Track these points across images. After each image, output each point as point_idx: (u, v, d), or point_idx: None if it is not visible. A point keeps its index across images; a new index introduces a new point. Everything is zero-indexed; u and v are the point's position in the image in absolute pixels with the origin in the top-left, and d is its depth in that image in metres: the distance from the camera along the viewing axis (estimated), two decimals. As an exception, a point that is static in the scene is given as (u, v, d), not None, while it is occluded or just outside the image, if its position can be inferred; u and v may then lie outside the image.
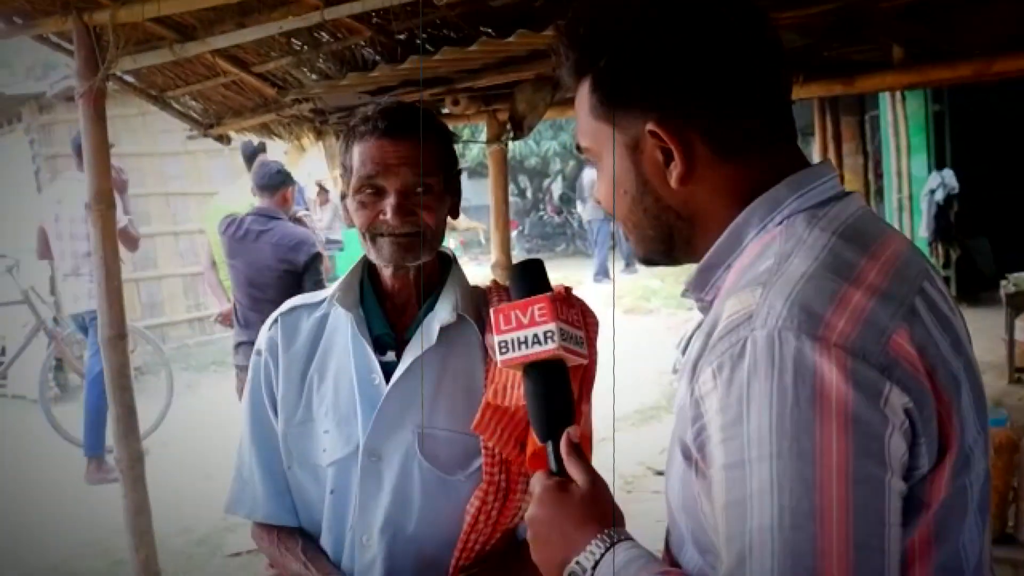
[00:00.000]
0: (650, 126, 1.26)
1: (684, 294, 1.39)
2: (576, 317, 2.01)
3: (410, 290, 2.06)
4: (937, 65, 4.09)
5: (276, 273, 5.70)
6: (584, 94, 1.34)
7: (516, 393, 1.91)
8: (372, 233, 1.95)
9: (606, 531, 1.31)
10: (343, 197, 2.04)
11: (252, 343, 2.29)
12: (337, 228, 12.70)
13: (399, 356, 2.02)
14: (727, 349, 1.11)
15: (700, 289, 1.34)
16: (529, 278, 1.57)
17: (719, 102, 1.26)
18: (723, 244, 1.28)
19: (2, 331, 10.97)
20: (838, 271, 1.15)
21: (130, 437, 4.46)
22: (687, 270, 1.39)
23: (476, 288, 2.14)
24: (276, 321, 2.14)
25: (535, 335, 1.48)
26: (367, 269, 2.11)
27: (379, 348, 2.03)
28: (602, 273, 17.37)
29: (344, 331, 2.06)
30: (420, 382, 1.97)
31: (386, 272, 2.05)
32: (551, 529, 1.36)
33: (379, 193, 1.93)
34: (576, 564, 1.30)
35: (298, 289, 5.41)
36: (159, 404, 8.55)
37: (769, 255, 1.20)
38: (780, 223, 1.24)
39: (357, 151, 1.95)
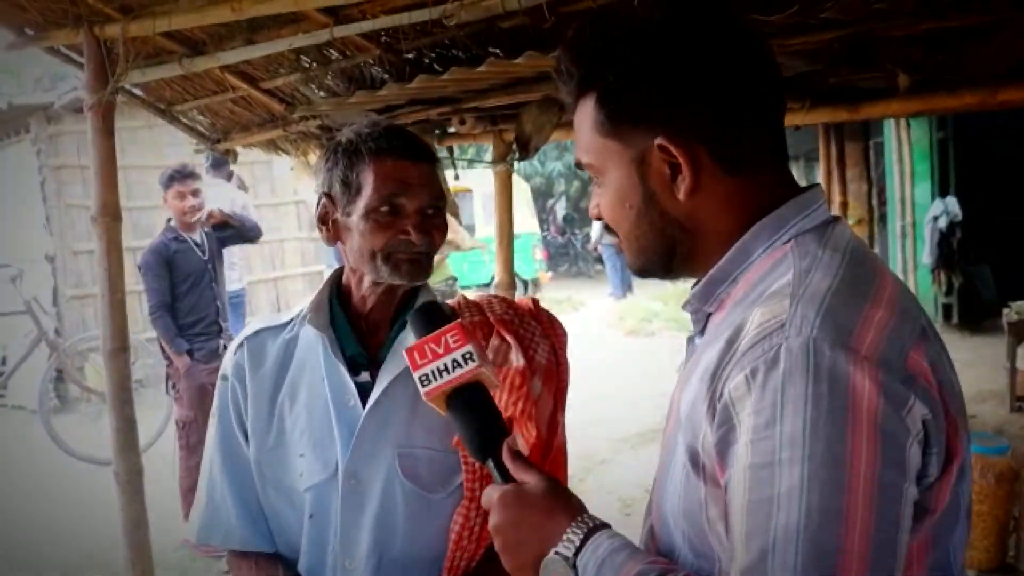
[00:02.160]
0: (659, 140, 1.28)
1: (685, 306, 1.41)
2: (531, 331, 2.04)
3: (385, 310, 2.03)
4: (942, 93, 4.11)
5: None
6: (587, 110, 1.35)
7: (513, 408, 1.93)
8: (388, 252, 1.92)
9: (580, 517, 1.33)
10: (324, 217, 1.99)
11: None
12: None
13: (373, 377, 1.99)
14: (761, 355, 1.14)
15: (704, 301, 1.36)
16: (429, 319, 1.62)
17: (726, 117, 1.29)
18: (730, 259, 1.32)
19: (3, 341, 10.97)
20: (858, 290, 1.21)
21: (130, 451, 4.46)
22: (686, 292, 1.41)
23: (446, 305, 2.12)
24: (241, 345, 2.10)
25: (453, 360, 1.52)
26: (335, 289, 2.09)
27: (352, 369, 2.00)
28: (622, 289, 17.52)
29: (316, 353, 2.02)
30: (397, 403, 1.96)
31: (364, 292, 2.02)
32: (519, 529, 1.37)
33: (396, 212, 1.91)
34: (555, 554, 1.31)
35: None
36: (159, 417, 8.54)
37: (784, 270, 1.24)
38: (788, 241, 1.28)
39: (372, 171, 1.91)
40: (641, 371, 10.76)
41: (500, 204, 5.47)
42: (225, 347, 6.34)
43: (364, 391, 1.98)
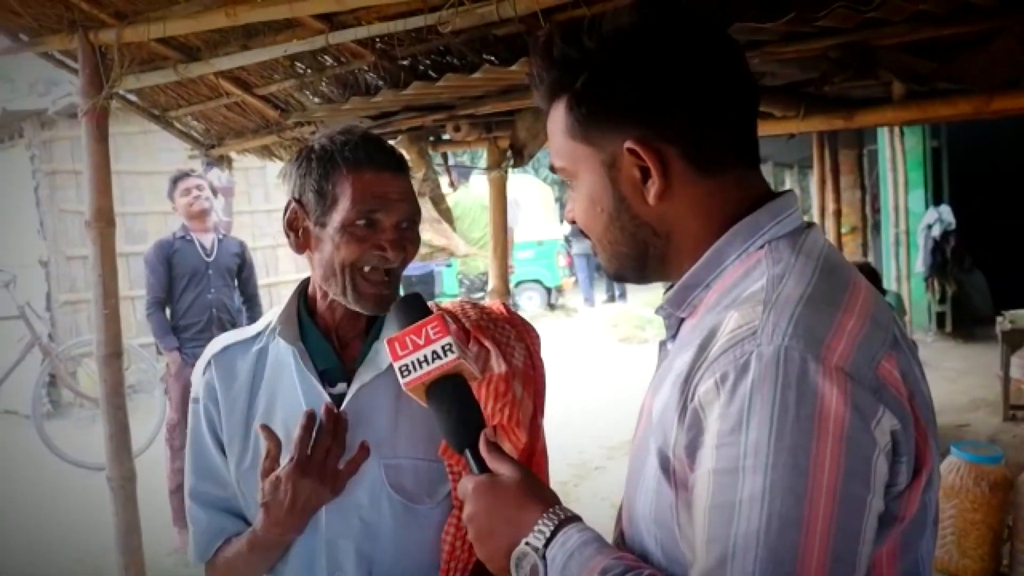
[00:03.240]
0: (629, 144, 1.28)
1: (658, 310, 1.41)
2: (506, 336, 2.02)
3: (354, 324, 1.99)
4: (937, 101, 4.12)
5: None
6: (559, 115, 1.35)
7: (485, 415, 1.89)
8: (358, 266, 1.88)
9: (552, 509, 1.33)
10: (294, 223, 1.94)
11: None
12: None
13: (350, 387, 1.95)
14: (732, 361, 1.14)
15: (678, 306, 1.36)
16: (412, 310, 1.62)
17: (697, 120, 1.28)
18: (704, 264, 1.32)
19: (-4, 346, 10.98)
20: (831, 298, 1.21)
21: (123, 456, 4.44)
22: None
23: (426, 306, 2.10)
24: (209, 364, 2.05)
25: (433, 351, 1.53)
26: (303, 300, 2.04)
27: (329, 381, 1.95)
28: (590, 300, 17.65)
29: (288, 366, 1.97)
30: (379, 413, 1.92)
31: (331, 304, 1.97)
32: (492, 519, 1.37)
33: (372, 226, 1.86)
34: (525, 544, 1.31)
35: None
36: (152, 423, 8.53)
37: (757, 276, 1.25)
38: (761, 247, 1.29)
39: (349, 183, 1.86)
40: (634, 378, 10.74)
41: (494, 210, 5.47)
42: None
43: (342, 403, 1.93)
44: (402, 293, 1.90)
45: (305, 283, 2.06)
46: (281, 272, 13.26)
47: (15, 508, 7.44)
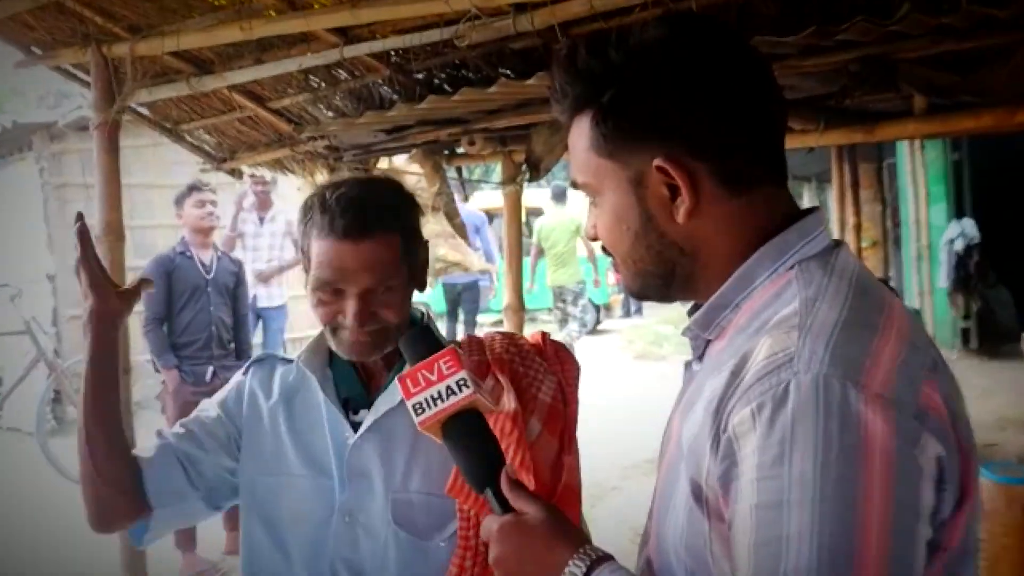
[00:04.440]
0: (658, 161, 1.27)
1: (685, 332, 1.40)
2: (533, 369, 2.01)
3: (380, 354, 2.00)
4: (959, 114, 4.12)
5: None
6: (583, 130, 1.34)
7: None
8: (333, 327, 1.90)
9: (582, 549, 1.32)
10: (307, 268, 1.94)
11: None
12: None
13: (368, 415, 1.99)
14: (768, 390, 1.13)
15: (705, 327, 1.35)
16: (422, 344, 1.58)
17: (727, 137, 1.27)
18: (733, 284, 1.30)
19: (0, 361, 10.99)
20: (867, 321, 1.19)
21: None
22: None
23: (453, 341, 2.06)
24: (249, 368, 2.13)
25: (448, 387, 1.49)
26: None
27: (353, 409, 2.00)
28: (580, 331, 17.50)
29: (315, 391, 2.02)
30: (395, 444, 1.94)
31: None
32: (521, 561, 1.36)
33: (338, 293, 1.86)
34: None
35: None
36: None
37: (788, 298, 1.23)
38: (791, 267, 1.27)
39: (315, 248, 1.86)
40: (651, 396, 10.71)
41: (509, 225, 5.50)
42: (215, 373, 6.36)
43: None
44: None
45: None
46: (294, 287, 13.26)
47: (18, 528, 7.44)
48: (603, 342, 14.18)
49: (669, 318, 15.43)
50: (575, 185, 1.41)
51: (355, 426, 1.97)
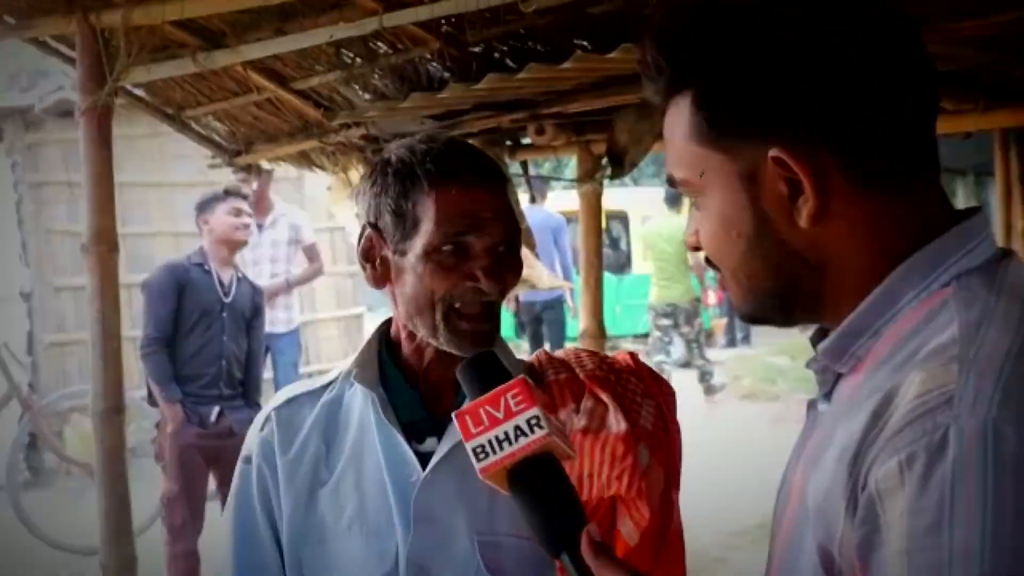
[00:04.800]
0: (773, 152, 1.25)
1: (810, 364, 1.39)
2: (632, 390, 2.03)
3: (447, 366, 1.98)
4: None
5: None
6: (682, 114, 1.33)
7: (599, 485, 1.91)
8: (450, 301, 1.92)
9: None
10: (370, 253, 2.00)
11: None
12: None
13: (440, 444, 1.98)
14: (920, 438, 1.10)
15: (837, 359, 1.33)
16: (485, 373, 1.58)
17: (863, 120, 1.25)
18: (872, 305, 1.28)
19: (-36, 398, 11.16)
20: None
21: (121, 537, 4.51)
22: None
23: (521, 362, 2.12)
24: (269, 418, 2.11)
25: (516, 427, 1.48)
26: (384, 343, 2.10)
27: (415, 436, 2.00)
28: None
29: (366, 418, 2.03)
30: (469, 476, 1.94)
31: (419, 344, 2.02)
32: None
33: (462, 253, 1.91)
34: None
35: None
36: (156, 494, 8.56)
37: (944, 323, 1.20)
38: (947, 284, 1.24)
39: (434, 199, 1.90)
40: (762, 445, 10.62)
41: (586, 233, 5.50)
42: (221, 414, 6.41)
43: (428, 462, 1.97)
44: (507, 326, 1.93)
45: (386, 324, 2.11)
46: (318, 308, 13.36)
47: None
48: (686, 380, 14.10)
49: (785, 347, 15.28)
50: (672, 182, 1.40)
51: (421, 457, 1.98)
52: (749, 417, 12.44)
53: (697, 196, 1.37)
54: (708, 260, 1.40)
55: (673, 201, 13.06)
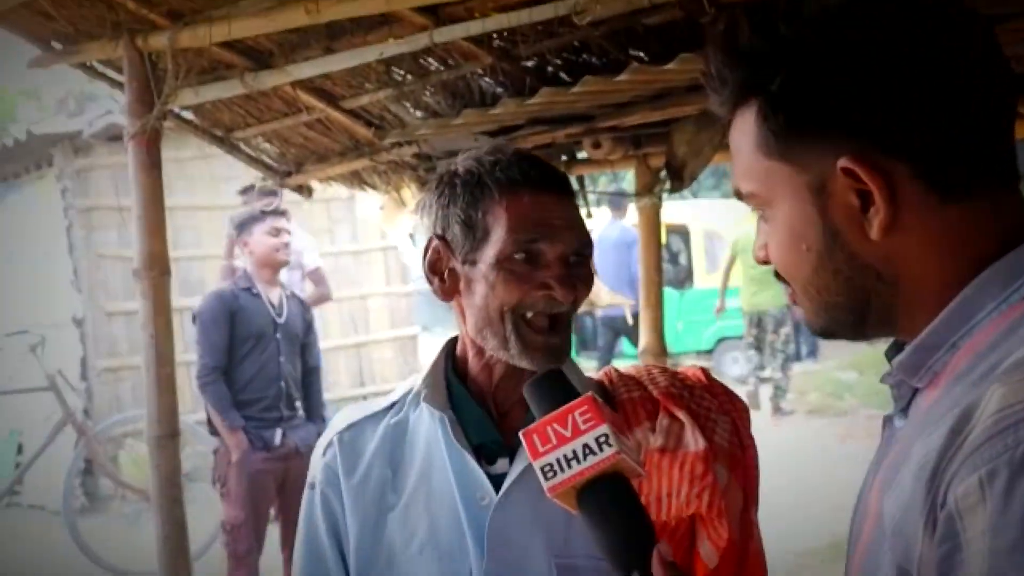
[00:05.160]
0: (843, 162, 1.24)
1: (885, 379, 1.37)
2: (706, 407, 2.02)
3: (517, 384, 1.96)
4: None
5: None
6: (747, 125, 1.33)
7: (677, 504, 1.91)
8: (519, 311, 1.92)
9: None
10: (437, 265, 2.01)
11: None
12: None
13: (512, 465, 1.98)
14: (1003, 453, 1.09)
15: (913, 373, 1.31)
16: (552, 390, 1.59)
17: (936, 127, 1.24)
18: (949, 319, 1.26)
19: (19, 426, 11.28)
20: None
21: (179, 561, 4.54)
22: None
23: (591, 380, 2.11)
24: (331, 444, 2.12)
25: (585, 445, 1.49)
26: (451, 362, 2.10)
27: (486, 458, 2.00)
28: None
29: (435, 441, 2.02)
30: (543, 498, 1.95)
31: (488, 361, 2.02)
32: None
33: (534, 261, 1.91)
34: None
35: None
36: (212, 519, 8.58)
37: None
38: None
39: (505, 207, 1.92)
40: (830, 463, 10.55)
41: (646, 248, 5.49)
42: (285, 435, 6.46)
43: (502, 485, 1.97)
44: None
45: (452, 342, 2.12)
46: (373, 329, 13.42)
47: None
48: (765, 393, 14.01)
49: (852, 362, 15.15)
50: (739, 195, 1.40)
51: (493, 480, 1.98)
52: (816, 433, 12.36)
53: (765, 209, 1.37)
54: (777, 274, 1.40)
55: None
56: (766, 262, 1.41)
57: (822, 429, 12.65)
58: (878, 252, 1.28)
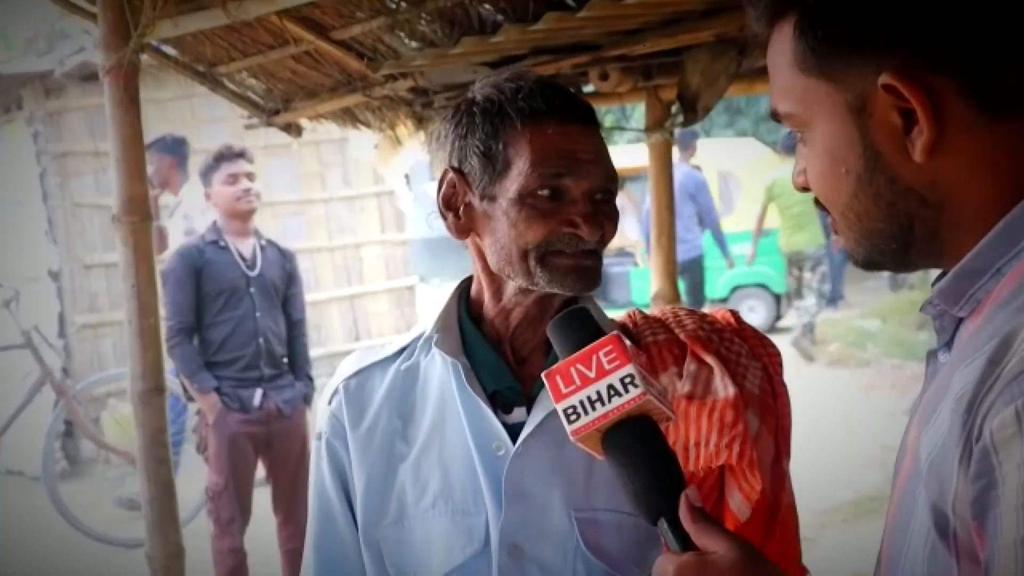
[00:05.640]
0: (884, 79, 1.24)
1: (925, 307, 1.37)
2: (736, 352, 2.04)
3: (536, 328, 2.03)
4: None
5: None
6: (785, 39, 1.33)
7: (706, 454, 1.92)
8: (546, 249, 1.91)
9: None
10: (451, 200, 2.01)
11: None
12: None
13: (530, 414, 1.99)
14: None
15: (954, 302, 1.32)
16: (577, 330, 1.60)
17: (982, 40, 1.23)
18: (994, 242, 1.26)
19: (-5, 385, 11.29)
20: None
21: (167, 526, 4.53)
22: (914, 307, 1.36)
23: (613, 321, 2.12)
24: (337, 392, 2.14)
25: (610, 386, 1.50)
26: (465, 305, 2.10)
27: (502, 407, 2.01)
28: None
29: (448, 388, 2.03)
30: (568, 449, 1.91)
31: (506, 304, 2.02)
32: None
33: (559, 197, 1.90)
34: None
35: None
36: (201, 483, 8.62)
37: None
38: None
39: (528, 139, 1.90)
40: (852, 416, 10.59)
41: (657, 187, 5.48)
42: (265, 396, 6.49)
43: (519, 435, 1.97)
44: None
45: (466, 283, 2.12)
46: (367, 280, 13.43)
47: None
48: (784, 343, 14.04)
49: (876, 310, 15.19)
50: (775, 116, 1.39)
51: (509, 429, 1.98)
52: (838, 385, 12.40)
53: (803, 131, 1.37)
54: (817, 201, 1.39)
55: (791, 149, 13.67)
56: (805, 188, 1.41)
57: (843, 380, 12.70)
58: (922, 175, 1.28)
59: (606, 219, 1.94)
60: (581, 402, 1.50)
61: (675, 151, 14.60)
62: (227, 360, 6.47)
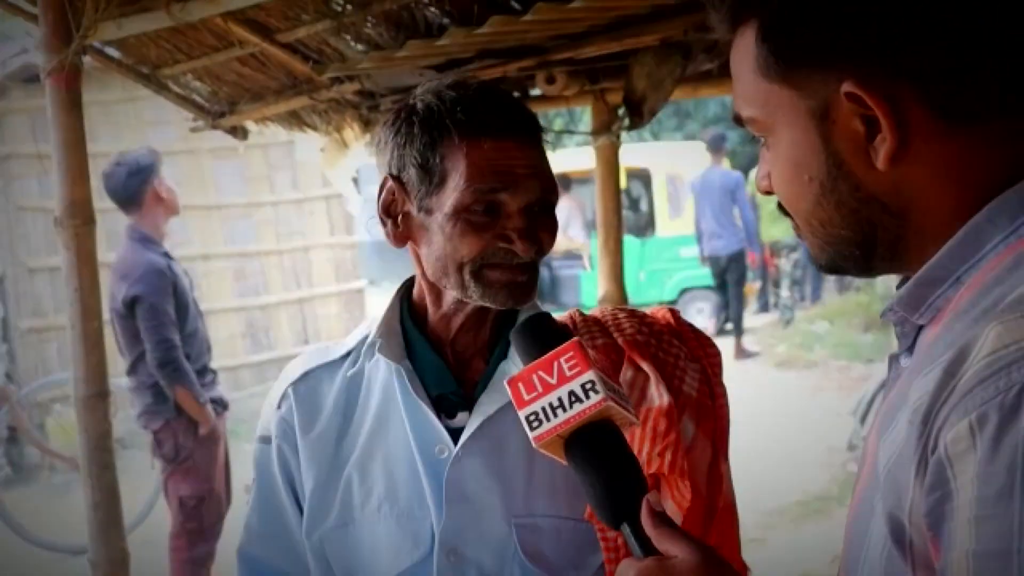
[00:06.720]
0: (847, 86, 1.25)
1: (886, 313, 1.38)
2: (674, 354, 2.04)
3: (476, 333, 2.05)
4: None
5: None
6: (747, 46, 1.33)
7: (659, 462, 1.91)
8: (480, 264, 1.91)
9: None
10: (391, 208, 2.00)
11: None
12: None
13: (471, 418, 2.00)
14: (994, 396, 1.08)
15: (914, 309, 1.32)
16: (539, 336, 1.61)
17: (945, 48, 1.23)
18: (953, 250, 1.27)
19: (-62, 390, 11.21)
20: None
21: (111, 532, 4.50)
22: (861, 309, 1.37)
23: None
24: (286, 396, 2.13)
25: (571, 392, 1.50)
26: (408, 309, 2.10)
27: (446, 411, 2.02)
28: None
29: (392, 392, 2.04)
30: (508, 454, 1.96)
31: (446, 310, 2.03)
32: None
33: (495, 212, 1.90)
34: None
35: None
36: (147, 488, 8.59)
37: None
38: None
39: (465, 153, 1.89)
40: (800, 417, 10.65)
41: (604, 191, 5.48)
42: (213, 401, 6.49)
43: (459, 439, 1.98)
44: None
45: (408, 284, 2.12)
46: (316, 283, 13.40)
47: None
48: (732, 346, 14.12)
49: (823, 312, 15.28)
50: (738, 120, 1.40)
51: (453, 433, 1.99)
52: (785, 386, 12.45)
53: (766, 136, 1.37)
54: (780, 206, 1.40)
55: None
56: (769, 192, 1.41)
57: (791, 381, 12.77)
58: (885, 182, 1.28)
59: (544, 231, 1.94)
60: (543, 408, 1.51)
61: (707, 155, 15.15)
62: (200, 370, 6.48)
